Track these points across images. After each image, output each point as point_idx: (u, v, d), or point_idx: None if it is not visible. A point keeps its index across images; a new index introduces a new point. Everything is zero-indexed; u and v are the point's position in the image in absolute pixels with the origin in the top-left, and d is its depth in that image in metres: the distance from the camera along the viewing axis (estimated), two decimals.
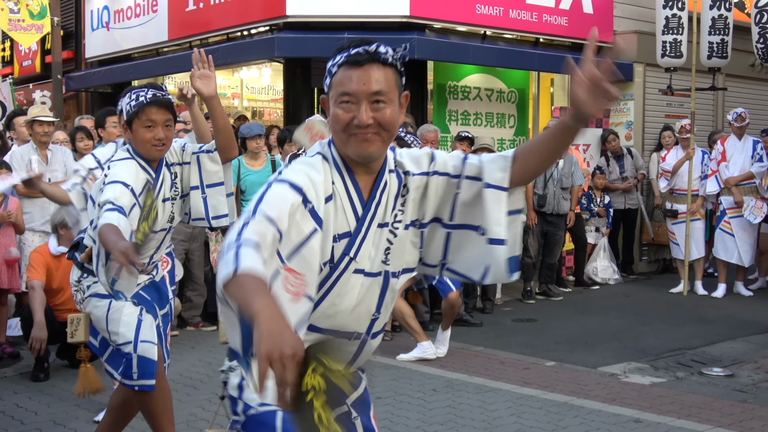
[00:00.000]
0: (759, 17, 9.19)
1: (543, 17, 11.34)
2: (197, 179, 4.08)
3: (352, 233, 2.28)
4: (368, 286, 2.33)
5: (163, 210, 3.99)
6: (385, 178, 2.33)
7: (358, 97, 2.19)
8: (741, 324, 8.22)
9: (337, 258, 2.26)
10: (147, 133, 3.80)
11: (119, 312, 3.96)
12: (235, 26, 11.09)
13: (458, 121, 11.15)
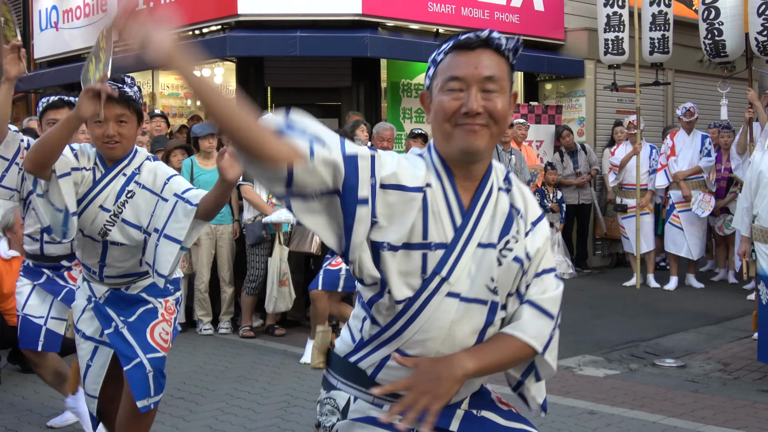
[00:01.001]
0: (707, 14, 9.33)
1: (495, 15, 11.43)
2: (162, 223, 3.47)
3: (447, 246, 2.01)
4: (465, 313, 2.05)
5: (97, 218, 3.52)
6: (489, 189, 2.08)
7: (467, 82, 1.98)
8: (692, 316, 8.35)
9: (430, 272, 2.00)
10: (96, 129, 3.47)
11: (78, 347, 3.81)
12: (187, 25, 10.99)
13: (412, 118, 11.19)
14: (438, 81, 2.02)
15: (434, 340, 2.04)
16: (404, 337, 2.04)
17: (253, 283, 7.66)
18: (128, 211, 3.54)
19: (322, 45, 9.97)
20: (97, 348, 3.74)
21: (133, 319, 3.70)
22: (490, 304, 2.07)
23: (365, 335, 2.12)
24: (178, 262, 3.43)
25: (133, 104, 3.49)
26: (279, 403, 5.51)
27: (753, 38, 9.00)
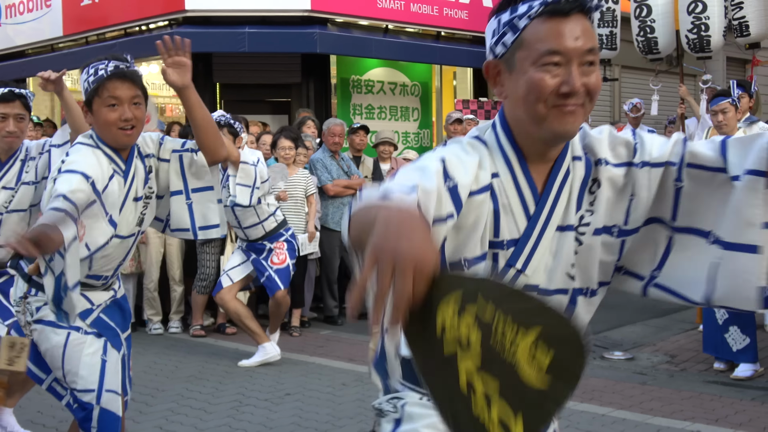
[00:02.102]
0: (638, 11, 9.48)
1: (444, 11, 11.46)
2: (180, 182, 3.36)
3: (520, 238, 1.80)
4: None
5: (134, 211, 3.28)
6: (566, 166, 1.83)
7: (568, 57, 1.70)
8: (640, 309, 8.47)
9: (501, 269, 1.80)
10: (110, 113, 3.09)
11: (79, 349, 3.24)
12: (133, 21, 10.87)
13: (362, 114, 11.19)
14: (526, 53, 1.71)
15: None
16: None
17: (204, 281, 7.59)
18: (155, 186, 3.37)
19: (271, 41, 9.92)
20: (107, 342, 3.30)
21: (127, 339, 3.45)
22: (571, 292, 1.87)
23: None
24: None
25: (143, 85, 3.19)
26: (230, 403, 5.47)
27: (684, 36, 9.19)
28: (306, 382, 6.02)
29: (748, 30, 9.28)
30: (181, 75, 3.17)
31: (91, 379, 3.21)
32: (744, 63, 15.83)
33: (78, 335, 3.23)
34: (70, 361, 3.21)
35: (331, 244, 8.08)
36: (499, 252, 1.78)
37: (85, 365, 3.21)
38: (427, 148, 11.26)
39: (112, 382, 3.26)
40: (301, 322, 7.87)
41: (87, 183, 2.96)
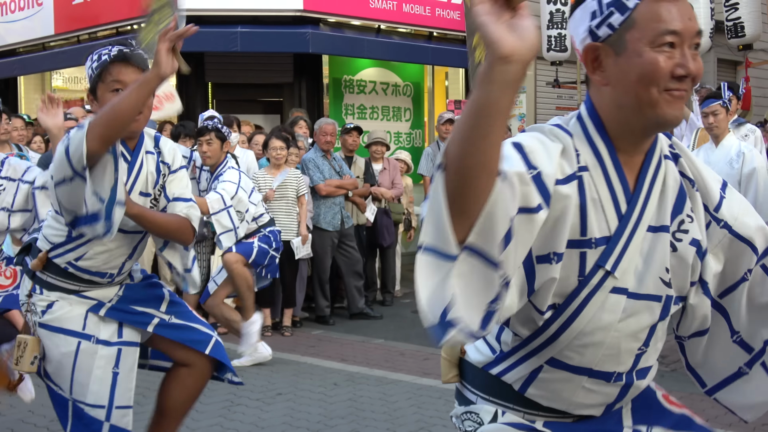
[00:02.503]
0: None
1: (436, 11, 11.48)
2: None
3: (611, 238, 1.68)
4: (633, 312, 1.72)
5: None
6: (656, 160, 1.74)
7: (682, 38, 1.65)
8: None
9: (589, 270, 1.67)
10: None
11: (91, 361, 3.09)
12: (125, 20, 10.84)
13: (354, 114, 11.19)
14: (640, 34, 1.62)
15: (597, 346, 1.71)
16: (559, 344, 1.71)
17: None
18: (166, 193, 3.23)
19: (264, 41, 9.92)
20: (120, 351, 3.16)
21: (168, 306, 3.33)
22: (665, 299, 1.75)
23: (504, 346, 1.82)
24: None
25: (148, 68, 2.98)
26: (222, 403, 5.47)
27: None
28: (297, 382, 6.02)
29: (743, 31, 9.33)
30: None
31: (101, 395, 3.07)
32: (735, 65, 15.88)
33: (89, 345, 3.10)
34: (80, 372, 3.08)
35: (322, 244, 8.08)
36: (587, 251, 1.66)
37: (96, 379, 3.08)
38: (419, 149, 11.28)
39: (123, 397, 3.14)
40: (292, 322, 7.87)
41: None
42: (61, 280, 3.14)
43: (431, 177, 9.45)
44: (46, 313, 3.12)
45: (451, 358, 1.94)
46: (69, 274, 3.13)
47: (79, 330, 3.10)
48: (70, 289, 3.15)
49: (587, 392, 1.78)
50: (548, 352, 1.74)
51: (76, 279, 3.14)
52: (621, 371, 1.77)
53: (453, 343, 1.57)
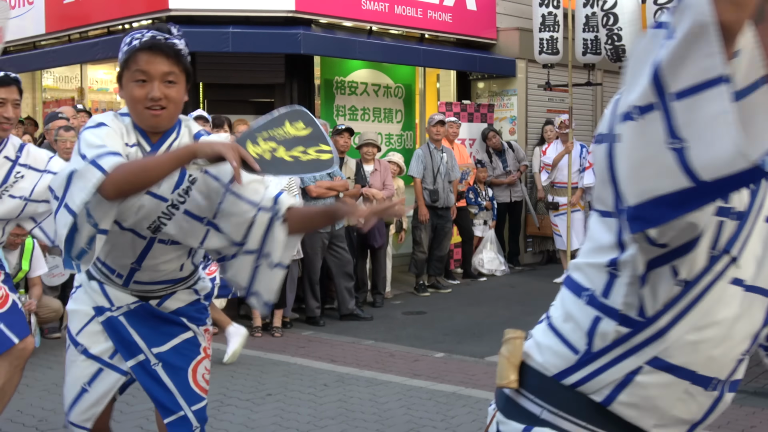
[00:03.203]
0: (606, 20, 9.57)
1: (428, 13, 11.48)
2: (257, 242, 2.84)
3: (744, 215, 1.52)
4: (748, 307, 1.56)
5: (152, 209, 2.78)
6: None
7: None
8: None
9: (721, 248, 1.51)
10: (137, 89, 2.70)
11: (69, 365, 3.03)
12: (117, 19, 10.81)
13: (346, 116, 11.18)
14: None
15: (709, 343, 1.54)
16: (668, 339, 1.52)
17: None
18: (191, 200, 2.79)
19: (255, 41, 9.90)
20: (101, 371, 2.97)
21: (168, 351, 2.97)
22: None
23: (599, 341, 1.59)
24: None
25: (183, 60, 2.75)
26: (211, 403, 5.44)
27: None
28: (287, 383, 6.02)
29: None
30: None
31: (67, 399, 3.02)
32: None
33: (73, 352, 3.00)
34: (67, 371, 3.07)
35: (313, 244, 8.07)
36: (725, 222, 1.49)
37: (67, 385, 3.03)
38: (411, 150, 11.28)
39: (79, 416, 2.98)
40: (282, 323, 7.86)
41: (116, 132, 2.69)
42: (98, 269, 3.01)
43: (421, 178, 9.52)
44: (73, 295, 3.07)
45: (512, 357, 1.74)
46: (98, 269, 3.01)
47: (73, 333, 3.00)
48: (93, 275, 3.00)
49: (684, 402, 1.59)
50: (653, 349, 1.54)
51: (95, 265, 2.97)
52: (720, 379, 1.59)
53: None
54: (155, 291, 2.98)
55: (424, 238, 9.81)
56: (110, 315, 2.96)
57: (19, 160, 3.85)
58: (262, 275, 2.84)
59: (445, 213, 9.95)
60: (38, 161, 3.90)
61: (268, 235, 2.79)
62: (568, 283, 1.70)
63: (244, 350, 6.60)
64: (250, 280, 2.87)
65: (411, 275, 10.14)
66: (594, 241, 1.63)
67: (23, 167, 3.86)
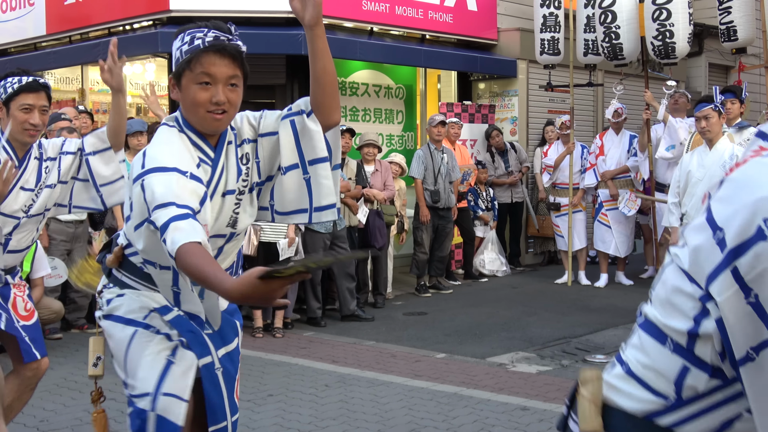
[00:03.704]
0: (603, 17, 9.56)
1: (429, 14, 11.47)
2: (294, 154, 2.72)
3: None
4: None
5: (222, 207, 2.73)
6: None
7: None
8: (622, 312, 8.51)
9: None
10: (201, 92, 2.60)
11: (142, 348, 2.76)
12: (117, 20, 10.81)
13: (347, 117, 11.18)
14: None
15: None
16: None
17: None
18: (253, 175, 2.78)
19: (256, 42, 9.89)
20: (177, 348, 2.79)
21: (224, 357, 2.88)
22: None
23: (688, 391, 1.53)
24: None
25: (245, 63, 2.68)
26: None
27: (649, 42, 9.31)
28: (289, 384, 6.01)
29: (735, 35, 9.37)
30: None
31: (148, 382, 2.71)
32: (726, 69, 15.94)
33: (146, 332, 2.78)
34: (131, 360, 2.77)
35: (314, 245, 8.07)
36: None
37: (144, 366, 2.73)
38: (411, 151, 11.27)
39: (173, 385, 2.72)
40: (284, 324, 7.86)
41: (185, 178, 2.49)
42: (136, 280, 2.85)
43: (422, 179, 9.51)
44: (111, 302, 2.86)
45: (595, 400, 1.66)
46: (144, 275, 2.80)
47: (140, 320, 2.79)
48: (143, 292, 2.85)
49: None
50: None
51: (152, 280, 2.75)
52: None
53: None
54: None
55: (426, 239, 9.80)
56: (178, 313, 2.79)
57: (43, 157, 3.91)
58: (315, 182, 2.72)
59: (446, 214, 9.94)
60: (54, 149, 3.95)
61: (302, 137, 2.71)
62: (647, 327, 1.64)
63: (245, 351, 6.59)
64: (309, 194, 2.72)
65: (412, 276, 10.14)
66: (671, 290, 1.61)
67: (48, 161, 3.92)
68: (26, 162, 3.84)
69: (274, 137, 2.75)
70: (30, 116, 3.73)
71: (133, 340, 2.77)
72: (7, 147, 3.77)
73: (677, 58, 9.31)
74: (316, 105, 2.73)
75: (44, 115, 3.80)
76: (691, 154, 6.34)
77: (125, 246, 2.83)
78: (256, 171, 2.79)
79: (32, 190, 3.85)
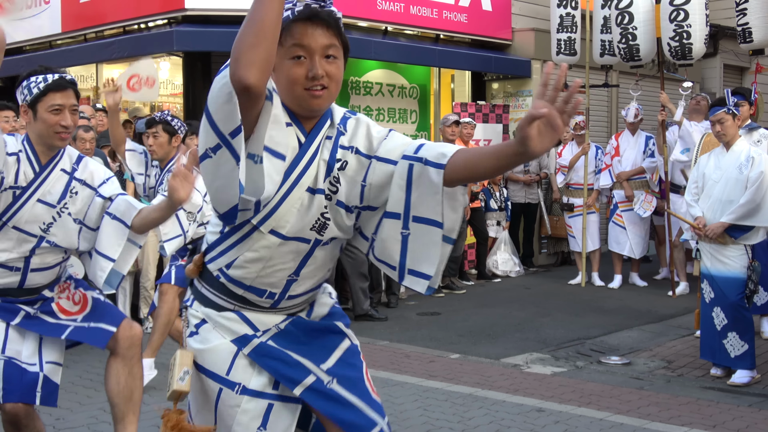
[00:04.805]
0: (620, 18, 9.53)
1: (443, 14, 11.46)
2: (401, 202, 2.33)
3: None
4: None
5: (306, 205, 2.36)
6: None
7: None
8: (636, 314, 8.48)
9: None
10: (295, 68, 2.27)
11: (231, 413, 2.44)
12: (132, 19, 10.84)
13: None
14: None
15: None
16: None
17: None
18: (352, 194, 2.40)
19: None
20: (271, 407, 2.44)
21: (336, 365, 2.53)
22: None
23: None
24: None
25: (342, 32, 2.34)
26: None
27: (666, 43, 9.26)
28: None
29: (751, 36, 9.33)
30: None
31: None
32: (741, 70, 15.88)
33: (231, 395, 2.43)
34: (222, 422, 2.47)
35: None
36: None
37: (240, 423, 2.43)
38: None
39: None
40: None
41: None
42: (214, 292, 2.49)
43: None
44: (195, 336, 2.51)
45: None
46: (221, 286, 2.47)
47: (222, 375, 2.44)
48: (223, 306, 2.49)
49: None
50: None
51: (229, 293, 2.46)
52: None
53: None
54: (305, 302, 2.59)
55: None
56: (258, 342, 2.46)
57: (75, 173, 3.61)
58: (414, 242, 2.33)
59: None
60: (95, 177, 3.65)
61: (415, 187, 2.30)
62: None
63: None
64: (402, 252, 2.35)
65: None
66: None
67: (78, 182, 3.61)
68: (49, 170, 3.56)
69: (391, 168, 2.35)
70: (61, 117, 3.47)
71: (219, 402, 2.45)
72: (29, 151, 3.53)
73: (693, 59, 9.28)
74: (454, 174, 2.25)
75: (75, 115, 3.54)
76: (708, 155, 6.30)
77: (205, 251, 2.50)
78: (359, 194, 2.39)
79: (53, 206, 3.55)
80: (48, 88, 3.46)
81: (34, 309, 3.68)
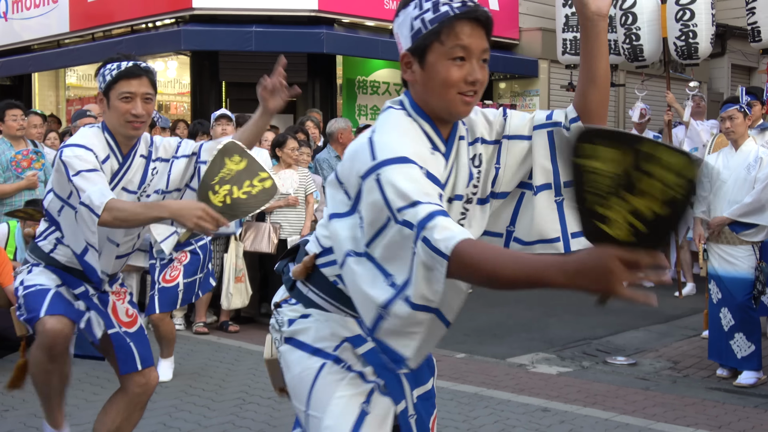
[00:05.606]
0: (624, 19, 9.51)
1: None
2: (547, 172, 2.31)
3: None
4: None
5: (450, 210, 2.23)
6: None
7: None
8: (642, 314, 8.47)
9: None
10: (454, 69, 2.12)
11: (332, 387, 2.22)
12: (140, 18, 10.89)
13: (368, 115, 11.20)
14: None
15: None
16: None
17: None
18: (487, 183, 2.34)
19: (278, 40, 9.92)
20: (373, 392, 2.24)
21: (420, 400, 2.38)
22: None
23: None
24: None
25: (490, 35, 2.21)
26: (234, 400, 5.47)
27: (672, 43, 9.25)
28: None
29: (760, 35, 9.31)
30: None
31: (341, 427, 2.19)
32: (749, 70, 15.84)
33: (336, 368, 2.25)
34: (317, 400, 2.25)
35: None
36: None
37: (334, 411, 2.20)
38: None
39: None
40: None
41: (422, 173, 1.98)
42: (325, 298, 2.30)
43: None
44: (293, 323, 2.33)
45: None
46: (337, 293, 2.27)
47: (329, 351, 2.27)
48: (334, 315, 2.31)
49: None
50: None
51: (346, 302, 2.23)
52: None
53: None
54: None
55: None
56: (373, 345, 2.22)
57: (152, 156, 3.53)
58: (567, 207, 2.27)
59: None
60: (168, 150, 3.56)
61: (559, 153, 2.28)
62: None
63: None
64: (561, 220, 2.28)
65: None
66: None
67: (157, 161, 3.53)
68: (131, 159, 3.46)
69: (525, 143, 2.30)
70: (132, 105, 3.32)
71: (319, 375, 2.25)
72: (110, 141, 3.41)
73: (699, 58, 9.26)
74: (589, 112, 2.25)
75: (148, 104, 3.37)
76: (717, 155, 6.29)
77: (319, 254, 2.30)
78: (492, 178, 2.30)
79: (135, 192, 3.47)
80: (120, 75, 3.33)
81: (94, 291, 3.60)
